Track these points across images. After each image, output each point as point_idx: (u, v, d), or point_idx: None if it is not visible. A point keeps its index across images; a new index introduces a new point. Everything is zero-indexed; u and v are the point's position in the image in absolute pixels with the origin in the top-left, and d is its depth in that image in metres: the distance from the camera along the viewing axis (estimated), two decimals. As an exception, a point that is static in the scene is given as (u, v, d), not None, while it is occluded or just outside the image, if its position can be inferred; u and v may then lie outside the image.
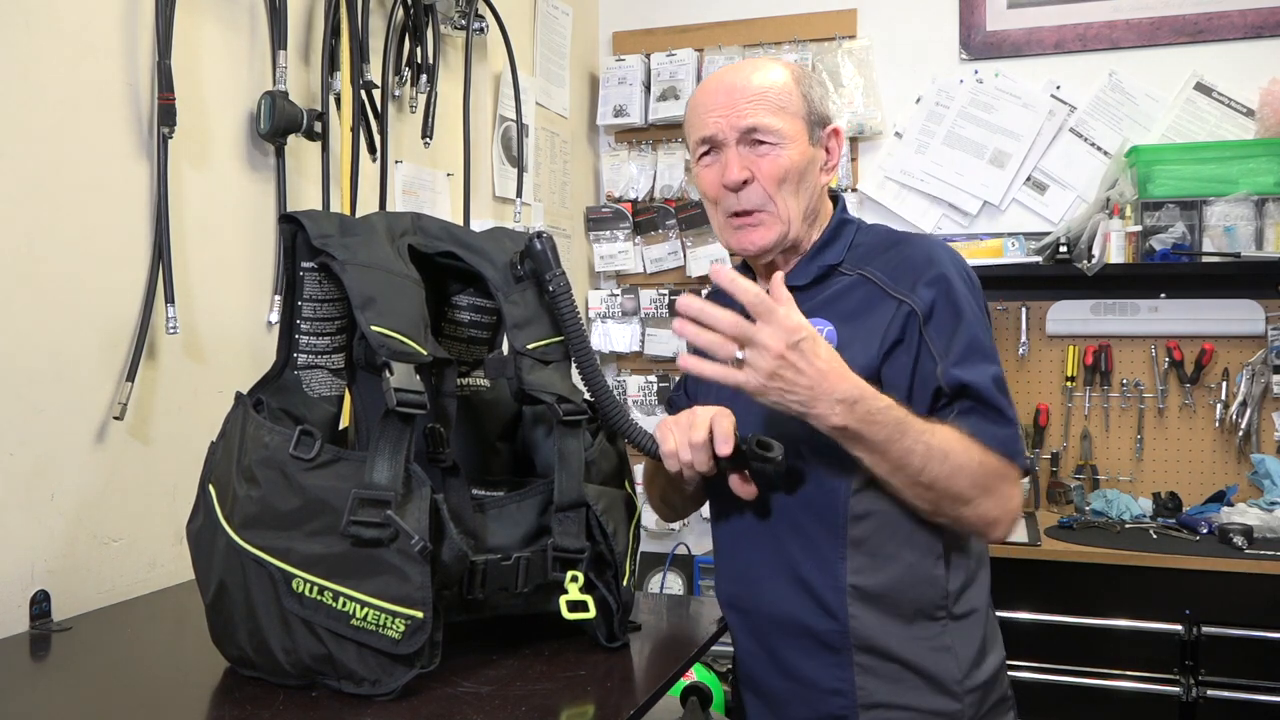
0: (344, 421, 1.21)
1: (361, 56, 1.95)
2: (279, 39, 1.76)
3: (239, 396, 1.10)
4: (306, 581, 0.98)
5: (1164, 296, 2.86)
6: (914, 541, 1.27)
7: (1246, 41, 2.83)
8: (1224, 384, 2.83)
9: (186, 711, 1.02)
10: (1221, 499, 2.73)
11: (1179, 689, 2.35)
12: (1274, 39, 2.81)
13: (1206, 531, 2.55)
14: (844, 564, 1.27)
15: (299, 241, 1.10)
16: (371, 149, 2.02)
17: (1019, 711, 1.38)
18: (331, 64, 1.91)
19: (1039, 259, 2.80)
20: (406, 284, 1.07)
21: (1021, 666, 2.42)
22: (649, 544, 3.18)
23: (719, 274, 1.14)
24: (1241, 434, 2.81)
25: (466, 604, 1.07)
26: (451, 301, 1.29)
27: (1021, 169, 2.99)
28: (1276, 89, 2.70)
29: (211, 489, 1.06)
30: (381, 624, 0.96)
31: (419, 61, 2.19)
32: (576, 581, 1.09)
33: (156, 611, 1.41)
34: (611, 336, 3.24)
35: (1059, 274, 2.78)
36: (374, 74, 2.03)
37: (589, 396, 1.16)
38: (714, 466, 1.20)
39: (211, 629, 1.08)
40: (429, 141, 2.21)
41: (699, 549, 3.10)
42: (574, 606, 1.08)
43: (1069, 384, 2.95)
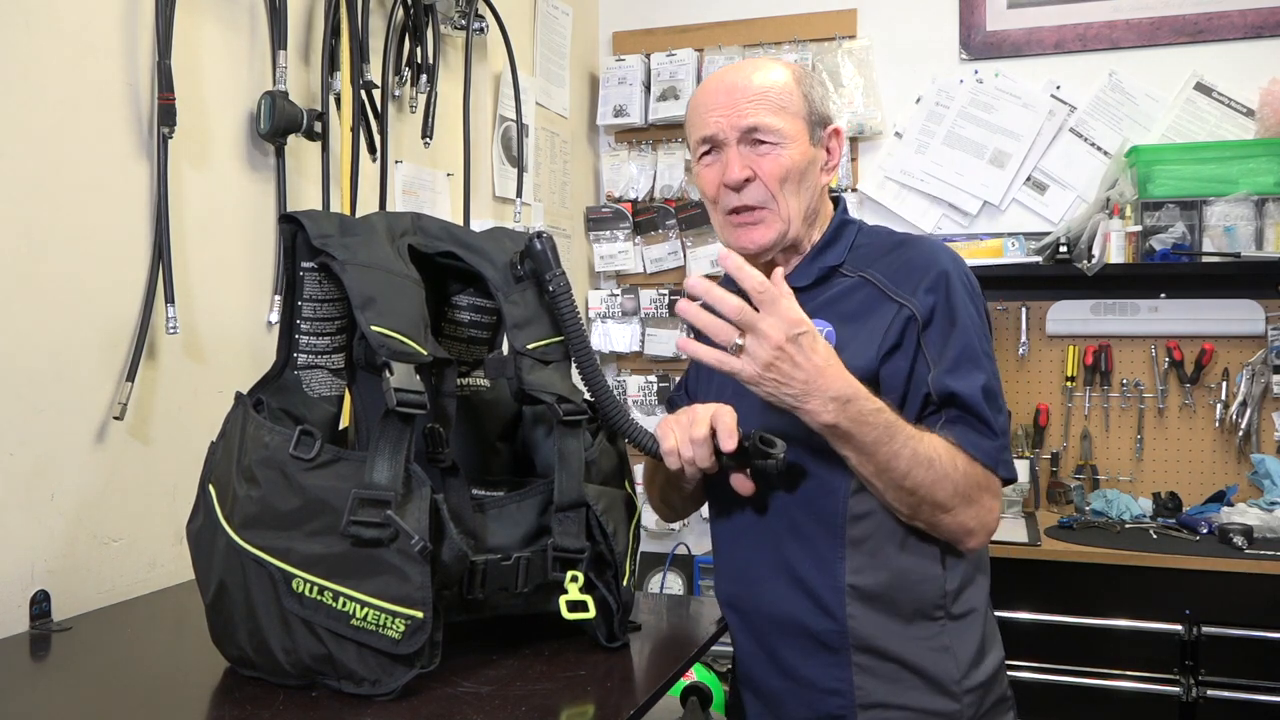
0: (344, 421, 1.21)
1: (361, 56, 1.95)
2: (279, 39, 1.76)
3: (239, 396, 1.10)
4: (306, 581, 0.98)
5: (1164, 296, 2.86)
6: (912, 542, 1.28)
7: (1246, 41, 2.83)
8: (1224, 384, 2.83)
9: (186, 711, 1.02)
10: (1221, 499, 2.73)
11: (1179, 689, 2.35)
12: (1274, 39, 2.81)
13: (1206, 531, 2.55)
14: (842, 564, 1.27)
15: (299, 241, 1.10)
16: (371, 149, 2.02)
17: (1019, 711, 1.38)
18: (331, 64, 1.91)
19: (1039, 259, 2.80)
20: (406, 284, 1.07)
21: (1021, 666, 2.42)
22: (649, 544, 3.18)
23: (727, 259, 1.14)
24: (1241, 434, 2.81)
25: (466, 604, 1.07)
26: (451, 301, 1.29)
27: (1021, 169, 2.99)
28: (1276, 89, 2.70)
29: (211, 489, 1.06)
30: (381, 624, 0.96)
31: (419, 61, 2.19)
32: (576, 581, 1.09)
33: (156, 611, 1.41)
34: (611, 336, 3.24)
35: (1059, 274, 2.78)
36: (374, 74, 2.03)
37: (589, 396, 1.16)
38: (716, 463, 1.20)
39: (211, 629, 1.08)
40: (429, 141, 2.21)
41: (699, 549, 3.10)
42: (574, 606, 1.08)
43: (1069, 384, 2.95)
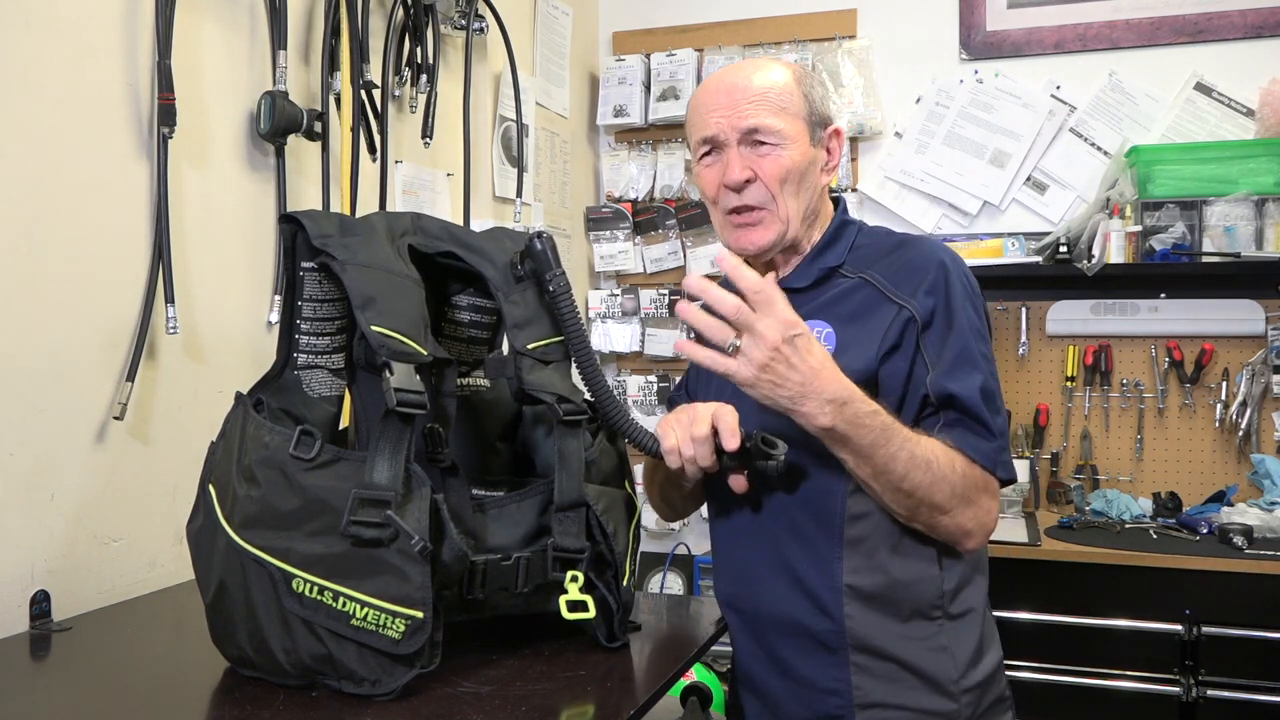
0: (344, 421, 1.21)
1: (361, 56, 1.95)
2: (279, 39, 1.76)
3: (239, 396, 1.10)
4: (306, 581, 0.98)
5: (1164, 296, 2.86)
6: (910, 542, 1.28)
7: (1246, 41, 2.83)
8: (1224, 384, 2.83)
9: (186, 711, 1.02)
10: (1221, 499, 2.73)
11: (1179, 689, 2.35)
12: (1274, 39, 2.81)
13: (1206, 531, 2.55)
14: (840, 564, 1.27)
15: (299, 241, 1.10)
16: (371, 149, 2.02)
17: (1019, 712, 1.38)
18: (331, 64, 1.91)
19: (1039, 259, 2.80)
20: (406, 284, 1.07)
21: (1021, 666, 2.42)
22: (649, 544, 3.18)
23: (724, 259, 1.14)
24: (1241, 434, 2.81)
25: (466, 604, 1.07)
26: (451, 301, 1.29)
27: (1021, 169, 2.99)
28: (1276, 89, 2.70)
29: (211, 489, 1.06)
30: (381, 624, 0.96)
31: (419, 61, 2.19)
32: (576, 581, 1.09)
33: (156, 611, 1.41)
34: (611, 336, 3.24)
35: (1059, 274, 2.78)
36: (374, 74, 2.03)
37: (589, 396, 1.16)
38: (716, 462, 1.20)
39: (211, 629, 1.08)
40: (429, 141, 2.21)
41: (699, 549, 3.10)
42: (574, 606, 1.08)
43: (1069, 384, 2.95)
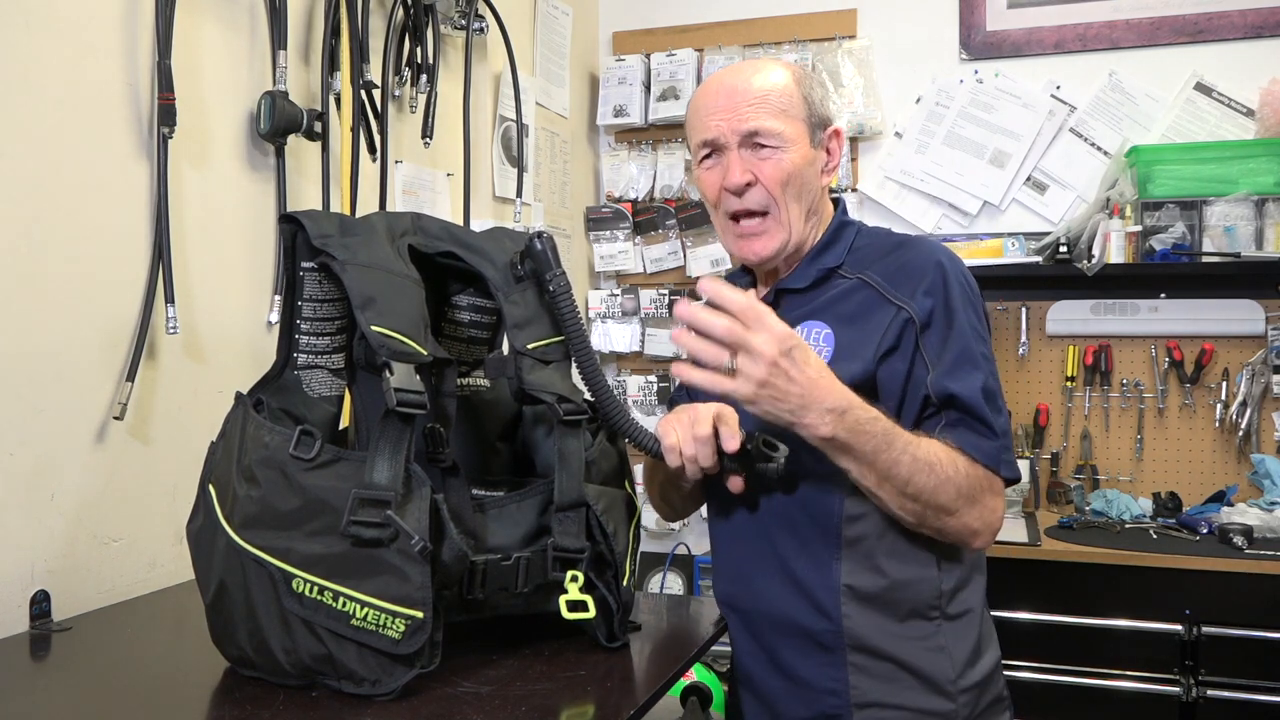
0: (344, 421, 1.21)
1: (361, 56, 1.95)
2: (279, 39, 1.76)
3: (239, 396, 1.10)
4: (306, 581, 0.98)
5: (1164, 296, 2.86)
6: (908, 543, 1.28)
7: (1246, 41, 2.83)
8: (1224, 384, 2.83)
9: (186, 711, 1.02)
10: (1221, 499, 2.73)
11: (1179, 689, 2.35)
12: (1274, 39, 2.81)
13: (1206, 531, 2.55)
14: (838, 564, 1.27)
15: (299, 241, 1.10)
16: (371, 149, 2.02)
17: (1019, 712, 1.38)
18: (331, 64, 1.91)
19: (1039, 259, 2.80)
20: (406, 284, 1.07)
21: (1021, 666, 2.42)
22: (649, 544, 3.18)
23: (706, 287, 1.13)
24: (1241, 434, 2.81)
25: (466, 604, 1.07)
26: (451, 301, 1.29)
27: (1021, 169, 2.99)
28: (1276, 89, 2.70)
29: (211, 489, 1.06)
30: (381, 624, 0.96)
31: (419, 61, 2.19)
32: (576, 581, 1.09)
33: (156, 611, 1.41)
34: (611, 336, 3.24)
35: (1059, 274, 2.78)
36: (374, 74, 2.03)
37: (589, 396, 1.16)
38: (718, 463, 1.20)
39: (211, 629, 1.08)
40: (429, 141, 2.21)
41: (699, 549, 3.10)
42: (574, 606, 1.08)
43: (1069, 384, 2.95)
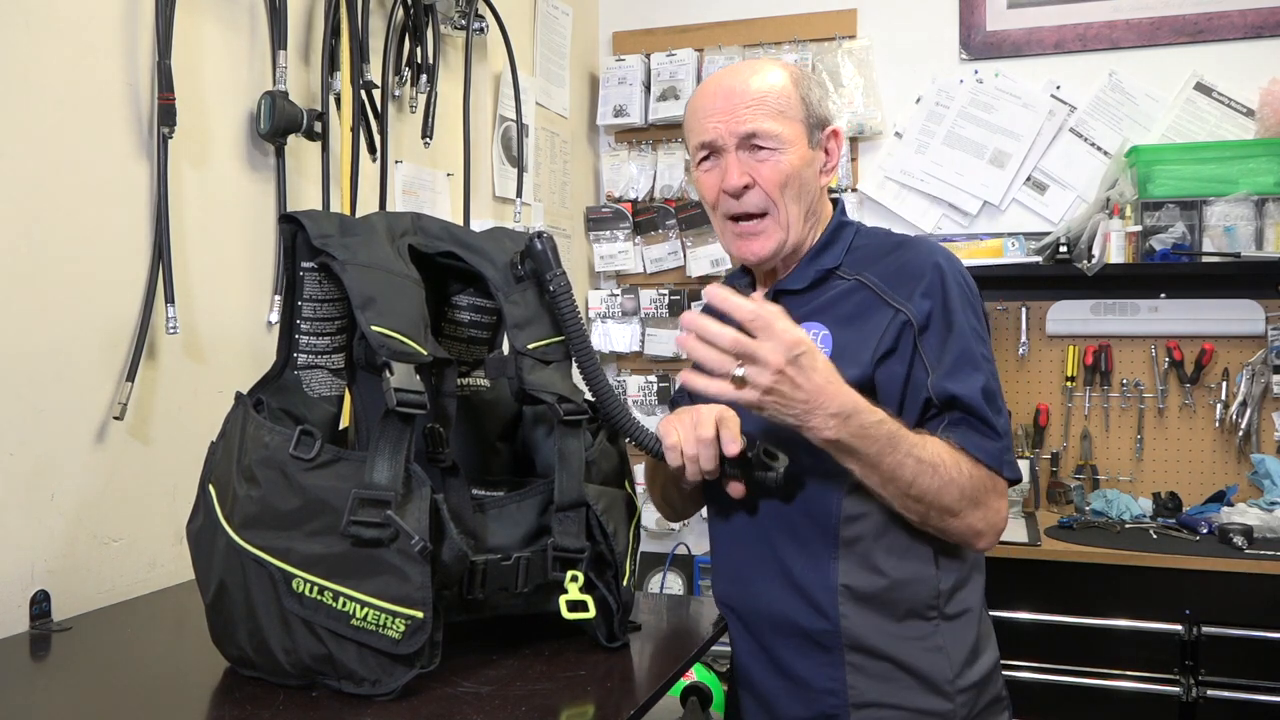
0: (344, 421, 1.21)
1: (361, 56, 1.95)
2: (279, 39, 1.76)
3: (239, 396, 1.10)
4: (306, 581, 0.98)
5: (1164, 296, 2.86)
6: (907, 542, 1.28)
7: (1246, 41, 2.83)
8: (1224, 384, 2.83)
9: (186, 711, 1.02)
10: (1221, 499, 2.73)
11: (1179, 689, 2.35)
12: (1274, 39, 2.81)
13: (1206, 531, 2.55)
14: (836, 564, 1.27)
15: (299, 241, 1.10)
16: (371, 149, 2.02)
17: (1019, 712, 1.38)
18: (331, 64, 1.91)
19: (1039, 259, 2.80)
20: (406, 284, 1.07)
21: (1021, 666, 2.42)
22: (649, 544, 3.18)
23: (712, 295, 1.13)
24: (1241, 434, 2.81)
25: (466, 604, 1.07)
26: (451, 301, 1.29)
27: (1021, 169, 2.99)
28: (1276, 89, 2.70)
29: (211, 489, 1.06)
30: (382, 624, 0.96)
31: (419, 61, 2.19)
32: (576, 581, 1.09)
33: (156, 611, 1.41)
34: (611, 336, 3.24)
35: (1059, 274, 2.78)
36: (374, 74, 2.03)
37: (590, 396, 1.16)
38: (718, 467, 1.20)
39: (211, 629, 1.08)
40: (429, 141, 2.21)
41: (699, 549, 3.10)
42: (574, 606, 1.08)
43: (1069, 384, 2.95)
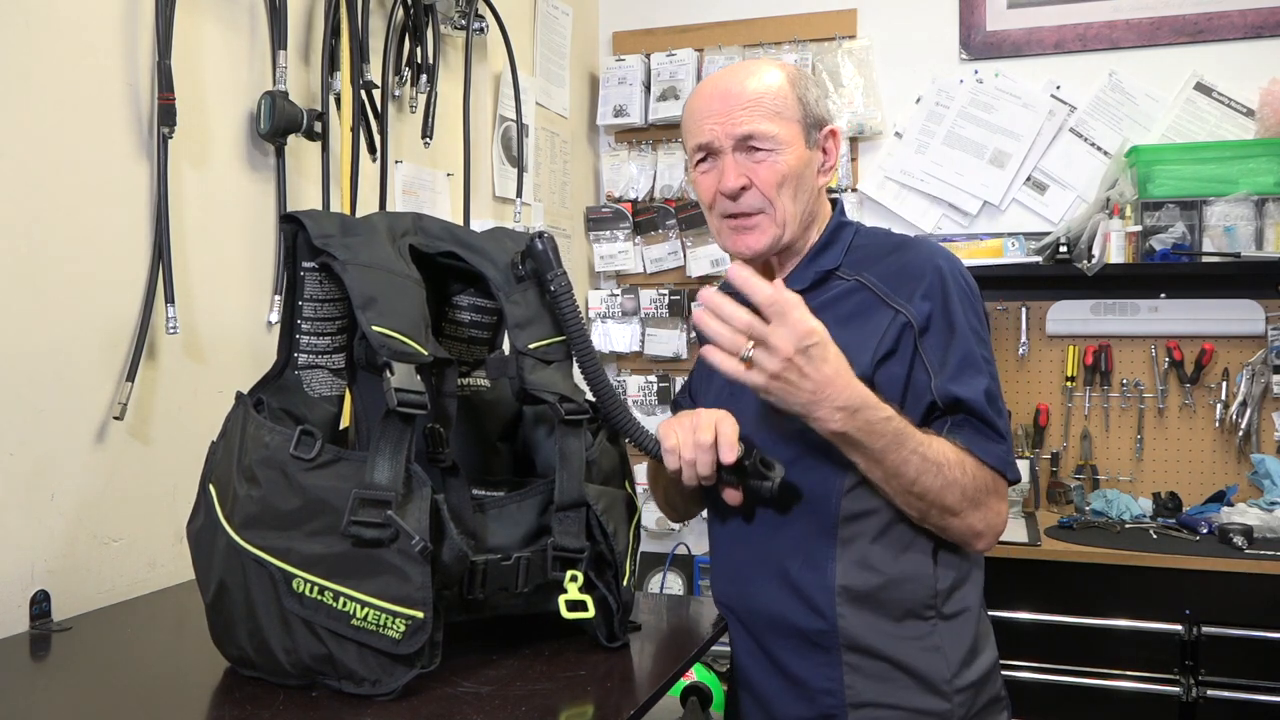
0: (344, 421, 1.21)
1: (361, 56, 1.95)
2: (279, 39, 1.76)
3: (239, 396, 1.10)
4: (307, 581, 0.98)
5: (1164, 296, 2.86)
6: (904, 542, 1.28)
7: (1246, 41, 2.83)
8: (1224, 384, 2.83)
9: (186, 711, 1.02)
10: (1221, 499, 2.73)
11: (1179, 689, 2.35)
12: (1274, 39, 2.81)
13: (1206, 531, 2.55)
14: (833, 564, 1.27)
15: (300, 241, 1.10)
16: (371, 149, 2.02)
17: (1019, 712, 1.38)
18: (331, 64, 1.91)
19: (1039, 259, 2.80)
20: (407, 284, 1.07)
21: (1021, 666, 2.42)
22: (649, 544, 3.18)
23: (734, 273, 1.15)
24: (1241, 434, 2.81)
25: (466, 604, 1.07)
26: (452, 301, 1.29)
27: (1021, 169, 2.99)
28: (1276, 89, 2.70)
29: (212, 489, 1.06)
30: (382, 624, 0.96)
31: (419, 61, 2.19)
32: (576, 581, 1.09)
33: (156, 611, 1.41)
34: (611, 336, 3.24)
35: (1059, 274, 2.78)
36: (374, 74, 2.03)
37: (591, 396, 1.16)
38: (715, 473, 1.20)
39: (211, 629, 1.08)
40: (429, 141, 2.21)
41: (699, 549, 3.11)
42: (574, 606, 1.08)
43: (1069, 384, 2.95)
